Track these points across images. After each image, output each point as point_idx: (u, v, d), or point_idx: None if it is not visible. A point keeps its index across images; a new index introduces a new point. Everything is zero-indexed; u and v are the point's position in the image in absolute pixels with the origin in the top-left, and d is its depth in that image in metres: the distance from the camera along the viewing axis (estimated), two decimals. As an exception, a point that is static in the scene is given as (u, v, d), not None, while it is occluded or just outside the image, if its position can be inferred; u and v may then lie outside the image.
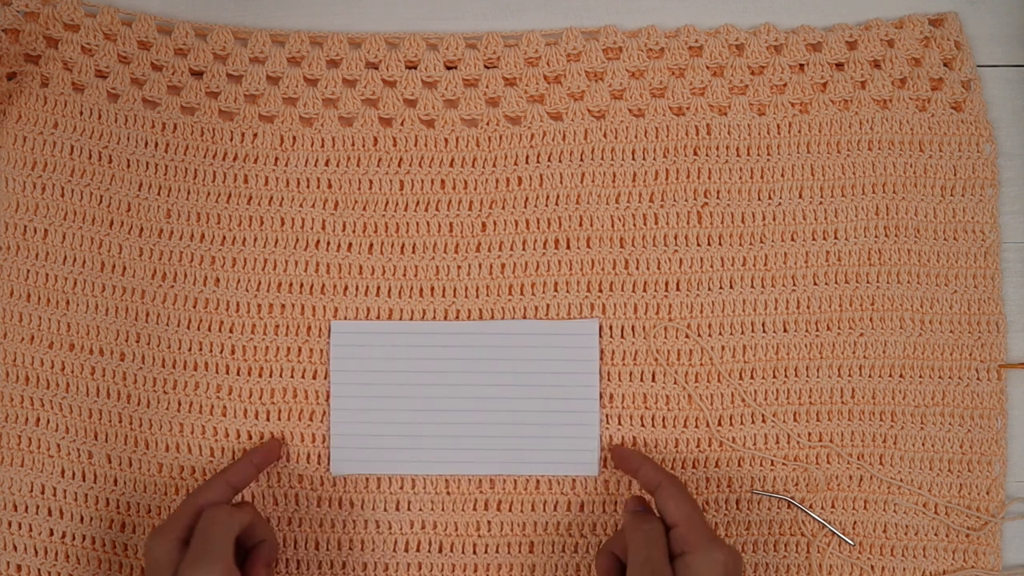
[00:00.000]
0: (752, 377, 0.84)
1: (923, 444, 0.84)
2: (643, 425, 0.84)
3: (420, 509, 0.84)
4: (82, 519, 0.84)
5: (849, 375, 0.84)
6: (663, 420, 0.84)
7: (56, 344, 0.84)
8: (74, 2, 0.85)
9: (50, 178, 0.84)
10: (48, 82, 0.85)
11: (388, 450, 0.84)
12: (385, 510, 0.84)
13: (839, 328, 0.84)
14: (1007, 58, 0.87)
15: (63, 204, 0.84)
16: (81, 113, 0.85)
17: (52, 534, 0.84)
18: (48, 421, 0.84)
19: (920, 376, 0.84)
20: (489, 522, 0.85)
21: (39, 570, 0.84)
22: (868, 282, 0.85)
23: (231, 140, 0.85)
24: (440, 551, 0.84)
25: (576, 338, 0.84)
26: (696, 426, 0.84)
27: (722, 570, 0.72)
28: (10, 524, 0.84)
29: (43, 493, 0.84)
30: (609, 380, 0.84)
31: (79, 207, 0.84)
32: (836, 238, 0.85)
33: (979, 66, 0.87)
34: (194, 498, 0.76)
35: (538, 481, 0.84)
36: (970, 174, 0.85)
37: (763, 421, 0.84)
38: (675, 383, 0.84)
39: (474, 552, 0.85)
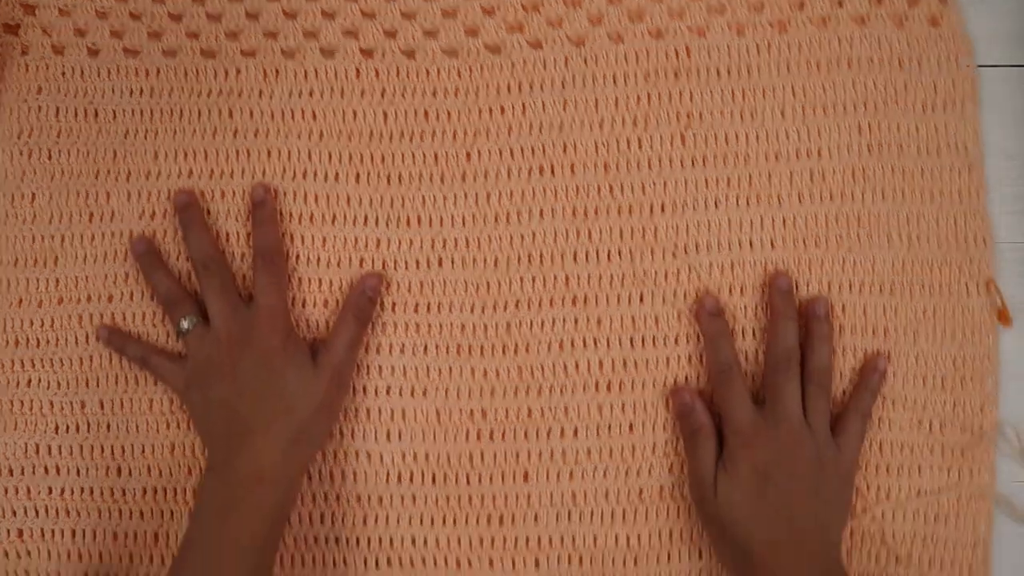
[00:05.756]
0: (742, 293, 0.84)
1: (916, 360, 0.84)
2: (632, 347, 0.84)
3: (411, 440, 0.84)
4: (79, 472, 0.84)
5: (839, 291, 0.84)
6: (652, 340, 0.84)
7: (46, 302, 0.85)
8: (47, -33, 0.86)
9: (36, 142, 0.85)
10: (28, 50, 0.86)
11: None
12: (376, 441, 0.84)
13: (826, 245, 0.84)
14: (1007, 58, 0.87)
15: (50, 166, 0.85)
16: (63, 74, 0.86)
17: (51, 492, 0.84)
18: (39, 380, 0.84)
19: (910, 292, 0.84)
20: (482, 452, 0.84)
21: (41, 530, 0.84)
22: (853, 199, 0.84)
23: (215, 78, 0.86)
24: (433, 482, 0.84)
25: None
26: (687, 342, 0.84)
27: None
28: (6, 491, 0.84)
29: (38, 453, 0.84)
30: (597, 304, 0.84)
31: (66, 165, 0.85)
32: (819, 157, 0.85)
33: (979, 66, 0.87)
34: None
35: (530, 409, 0.84)
36: (950, 90, 0.85)
37: (754, 336, 0.84)
38: (663, 303, 0.84)
39: (468, 483, 0.84)
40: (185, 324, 0.80)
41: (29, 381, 0.84)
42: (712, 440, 0.80)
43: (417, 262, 0.85)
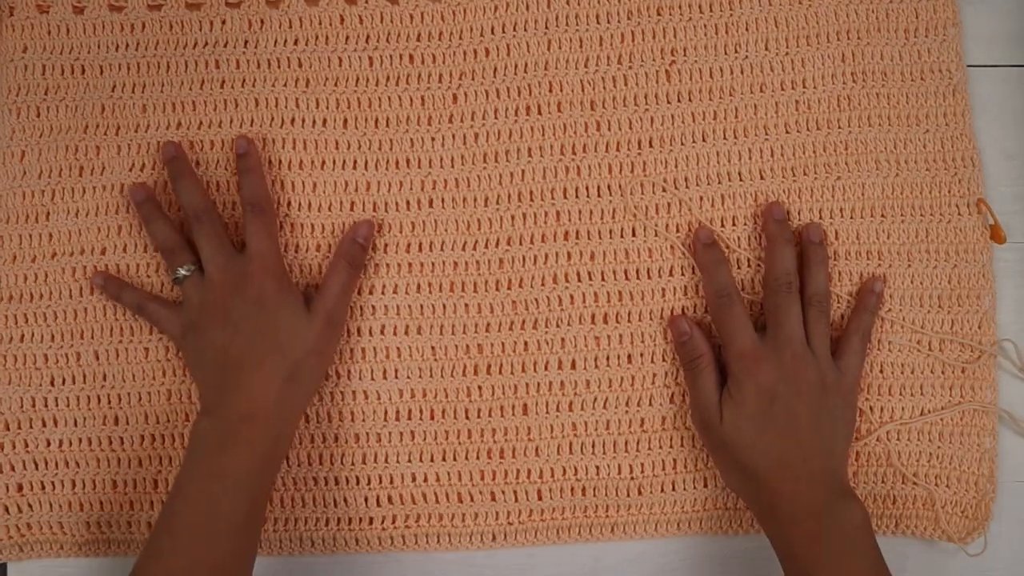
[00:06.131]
0: (734, 224, 0.85)
1: (911, 281, 0.84)
2: (627, 279, 0.84)
3: (408, 377, 0.84)
4: (76, 423, 0.84)
5: (831, 217, 0.85)
6: (648, 272, 0.84)
7: (39, 257, 0.85)
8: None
9: (24, 101, 0.86)
10: (14, 11, 0.86)
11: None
12: (372, 379, 0.84)
13: (815, 173, 0.85)
14: (1007, 58, 0.88)
15: (38, 123, 0.85)
16: (49, 32, 0.86)
17: (49, 444, 0.84)
18: (33, 334, 0.84)
19: (902, 215, 0.85)
20: (480, 387, 0.84)
21: (41, 483, 0.84)
22: (840, 127, 0.85)
23: (200, 29, 0.86)
24: (432, 418, 0.84)
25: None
26: (682, 274, 0.84)
27: None
28: (3, 446, 0.84)
29: (35, 406, 0.84)
30: (589, 239, 0.84)
31: (55, 122, 0.85)
32: (804, 87, 0.86)
33: (979, 66, 0.88)
34: None
35: (526, 343, 0.84)
36: (932, 15, 0.86)
37: (748, 265, 0.84)
38: (656, 235, 0.84)
39: (466, 417, 0.84)
40: (182, 272, 0.80)
41: (23, 336, 0.84)
42: (712, 367, 0.81)
43: (408, 203, 0.85)
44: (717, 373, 0.81)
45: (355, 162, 0.85)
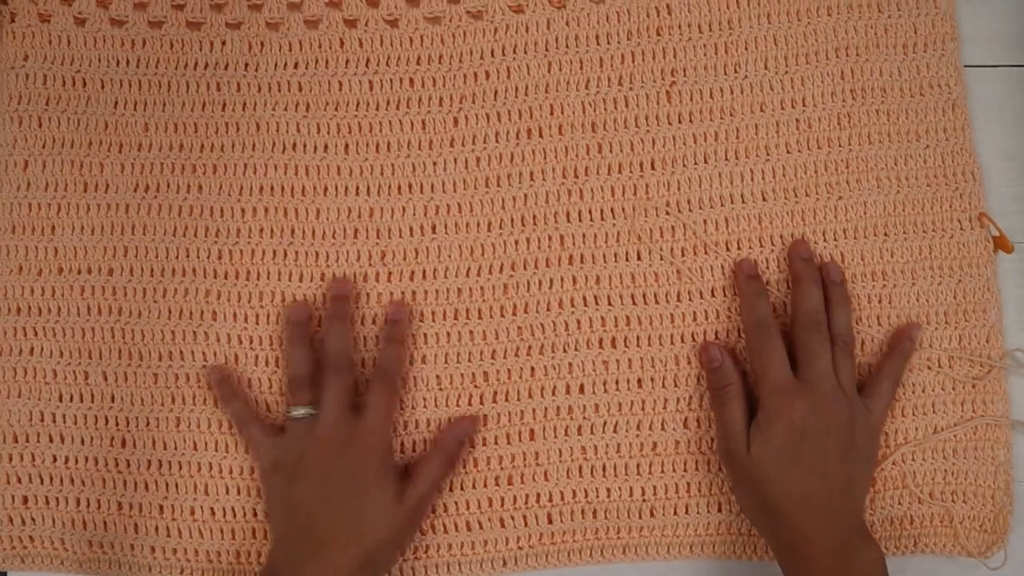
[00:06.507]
0: (739, 248, 0.84)
1: (917, 299, 0.84)
2: (635, 303, 0.84)
3: (413, 408, 0.84)
4: (83, 441, 0.83)
5: (835, 239, 0.84)
6: (655, 296, 0.84)
7: (45, 271, 0.84)
8: (34, -67, 0.86)
9: (26, 110, 0.85)
10: (15, 17, 0.85)
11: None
12: (377, 412, 0.84)
13: (817, 194, 0.85)
14: (1007, 58, 0.88)
15: (40, 134, 0.84)
16: (50, 42, 0.85)
17: (55, 460, 0.83)
18: (42, 349, 0.84)
19: (904, 232, 0.85)
20: (486, 415, 0.84)
21: (46, 497, 0.83)
22: (840, 146, 0.85)
23: (200, 49, 0.85)
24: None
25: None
26: (690, 300, 0.84)
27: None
28: (11, 458, 0.83)
29: (43, 421, 0.83)
30: (594, 263, 0.84)
31: (57, 134, 0.85)
32: (804, 105, 0.85)
33: (979, 66, 0.88)
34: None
35: (533, 368, 0.84)
36: (930, 30, 0.86)
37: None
38: (661, 259, 0.84)
39: (472, 446, 0.84)
40: (299, 412, 0.79)
41: (32, 349, 0.84)
42: (741, 396, 0.81)
43: (411, 229, 0.84)
44: (745, 402, 0.80)
45: (357, 188, 0.85)
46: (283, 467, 0.79)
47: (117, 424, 0.83)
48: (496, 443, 0.83)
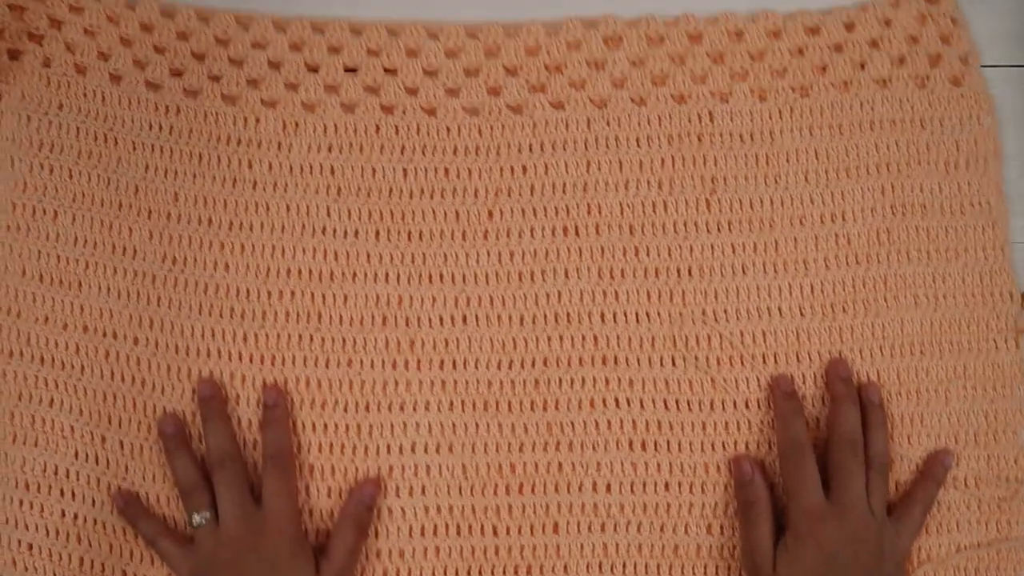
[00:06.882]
0: (776, 362, 0.83)
1: (948, 419, 0.83)
2: (667, 408, 0.82)
3: (436, 494, 0.81)
4: (94, 503, 0.80)
5: (871, 356, 0.83)
6: (688, 404, 0.82)
7: (70, 326, 0.81)
8: (78, -18, 0.84)
9: (57, 159, 0.82)
10: (50, 63, 0.83)
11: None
12: (398, 496, 0.81)
13: (855, 311, 0.83)
14: (1007, 58, 0.88)
15: (71, 185, 0.82)
16: (85, 95, 0.83)
17: (64, 515, 0.80)
18: (63, 402, 0.80)
19: (940, 352, 0.83)
20: (510, 505, 0.81)
21: (50, 550, 0.80)
22: (879, 262, 0.84)
23: (234, 124, 0.83)
24: (458, 534, 0.81)
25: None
26: (723, 409, 0.82)
27: None
28: (21, 503, 0.80)
29: (56, 474, 0.80)
30: (628, 365, 0.82)
31: (87, 189, 0.82)
32: (844, 220, 0.84)
33: (979, 66, 0.88)
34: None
35: (560, 464, 0.82)
36: (972, 147, 0.85)
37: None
38: (696, 368, 0.82)
39: (494, 534, 0.81)
40: (197, 519, 0.78)
41: (52, 401, 0.80)
42: (769, 513, 0.79)
43: (441, 319, 0.82)
44: (773, 519, 0.78)
45: (387, 275, 0.82)
46: (199, 574, 0.77)
47: (129, 495, 0.81)
48: (519, 533, 0.81)
